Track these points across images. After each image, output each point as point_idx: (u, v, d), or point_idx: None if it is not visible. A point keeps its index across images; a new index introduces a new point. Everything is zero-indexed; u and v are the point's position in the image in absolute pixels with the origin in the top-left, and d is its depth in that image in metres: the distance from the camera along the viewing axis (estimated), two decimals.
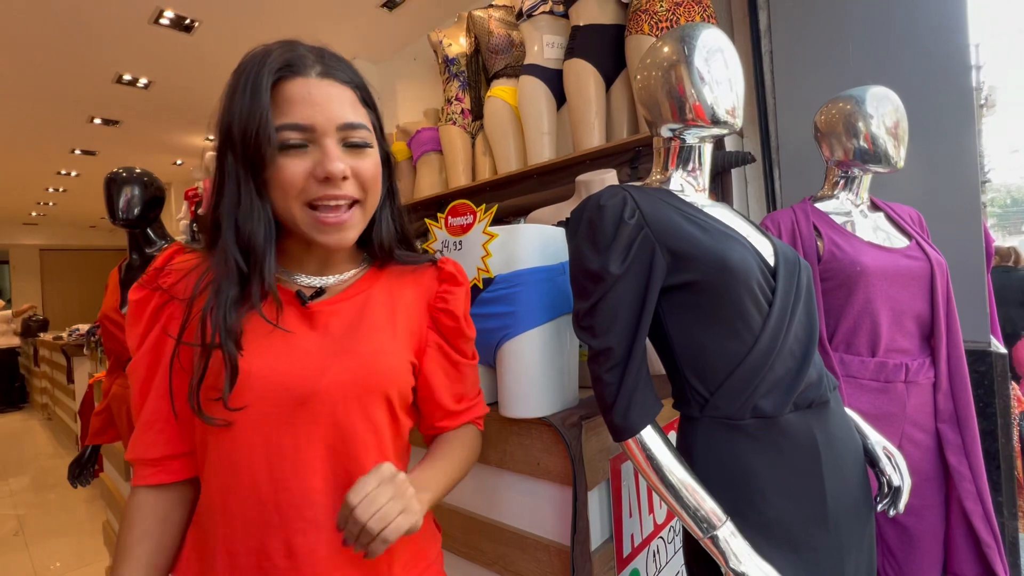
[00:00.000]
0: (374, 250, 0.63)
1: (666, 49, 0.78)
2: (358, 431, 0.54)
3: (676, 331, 0.70)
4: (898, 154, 1.07)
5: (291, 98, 0.53)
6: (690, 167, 0.81)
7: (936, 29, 1.31)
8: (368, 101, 0.60)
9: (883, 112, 1.07)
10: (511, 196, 2.20)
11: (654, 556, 1.00)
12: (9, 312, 6.48)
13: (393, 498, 0.47)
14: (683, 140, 0.80)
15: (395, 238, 0.64)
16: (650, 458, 0.65)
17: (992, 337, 1.34)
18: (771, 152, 1.60)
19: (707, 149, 0.81)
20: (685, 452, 0.70)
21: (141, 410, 0.57)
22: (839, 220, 1.12)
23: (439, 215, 0.95)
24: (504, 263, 0.88)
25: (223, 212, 0.54)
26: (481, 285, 0.88)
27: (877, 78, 1.37)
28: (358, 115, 0.56)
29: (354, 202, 0.56)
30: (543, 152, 2.07)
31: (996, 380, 1.24)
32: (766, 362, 0.65)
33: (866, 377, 1.05)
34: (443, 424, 0.65)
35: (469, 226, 0.90)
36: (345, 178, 0.54)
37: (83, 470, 1.59)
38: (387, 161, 0.63)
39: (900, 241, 1.09)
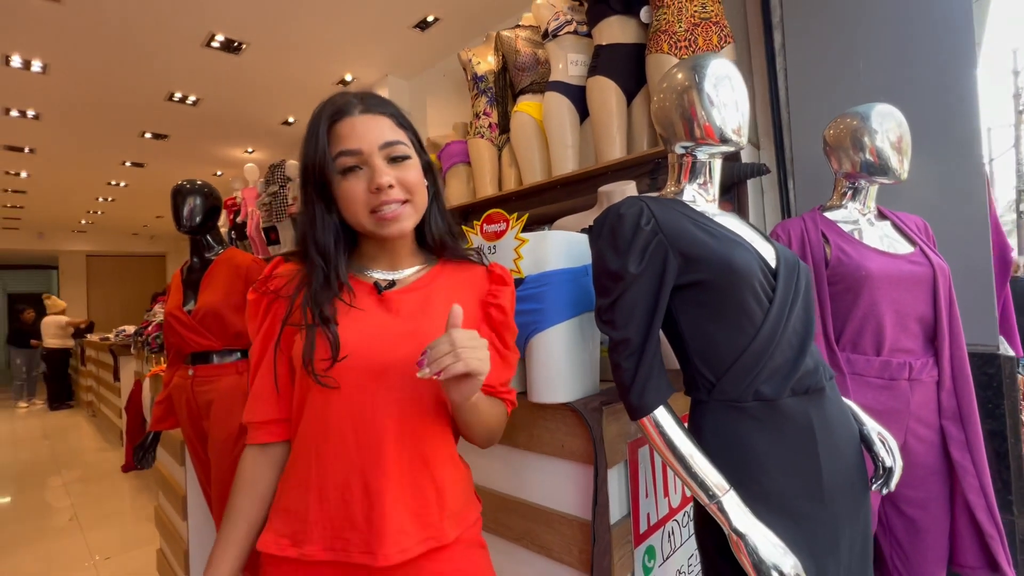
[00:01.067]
0: (431, 246, 0.77)
1: (680, 75, 0.88)
2: (423, 397, 0.66)
3: (687, 324, 0.79)
4: (901, 167, 1.14)
5: (342, 133, 0.69)
6: (701, 180, 0.91)
7: (943, 46, 1.38)
8: (404, 123, 0.75)
9: (887, 128, 1.14)
10: (536, 206, 2.31)
11: (669, 536, 1.08)
12: (64, 319, 6.84)
13: (483, 348, 0.59)
14: (695, 156, 0.90)
15: (445, 230, 0.78)
16: (663, 434, 0.75)
17: (1002, 340, 1.38)
18: (785, 164, 1.68)
19: (717, 164, 0.90)
20: (695, 432, 0.79)
21: (255, 382, 0.72)
22: (847, 228, 1.20)
23: (475, 222, 1.07)
24: (533, 265, 0.99)
25: (307, 230, 0.70)
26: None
27: (886, 92, 1.44)
28: (396, 135, 0.71)
29: (404, 202, 0.70)
30: (567, 164, 2.18)
31: (1005, 382, 1.29)
32: (766, 351, 0.74)
33: (871, 375, 1.11)
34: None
35: (502, 232, 1.02)
36: (392, 186, 0.68)
37: (146, 453, 1.75)
38: (429, 169, 0.77)
39: (905, 248, 1.16)
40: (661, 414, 0.75)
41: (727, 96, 0.85)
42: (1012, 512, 1.28)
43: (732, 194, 1.74)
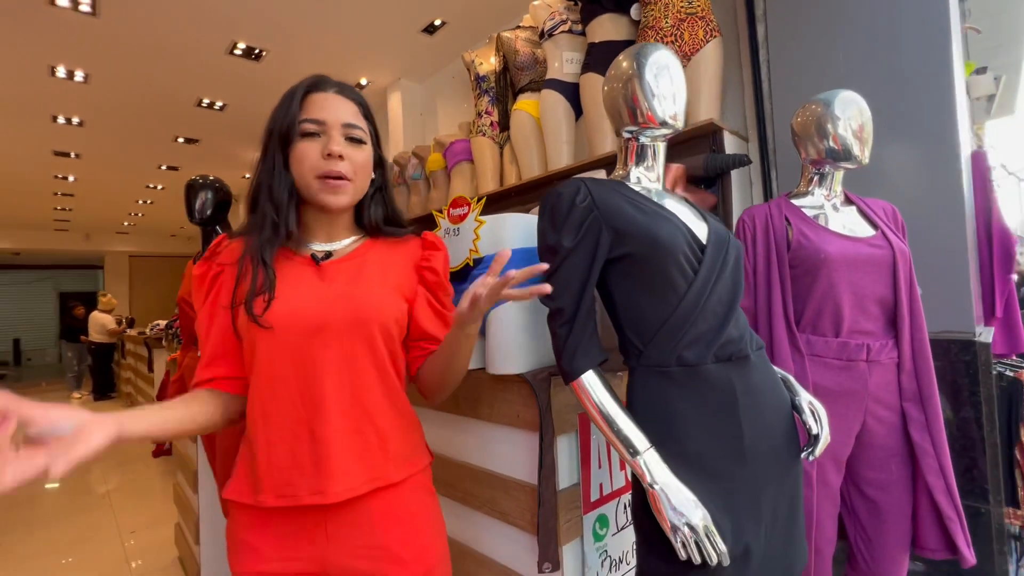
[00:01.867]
0: (365, 225, 0.85)
1: (624, 64, 0.93)
2: (358, 353, 0.74)
3: (619, 295, 0.84)
4: (863, 153, 1.16)
5: (313, 103, 0.77)
6: (647, 163, 0.95)
7: (921, 37, 1.38)
8: (368, 116, 0.82)
9: (849, 115, 1.16)
10: (534, 200, 2.37)
11: (625, 508, 1.13)
12: (111, 324, 7.23)
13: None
14: (639, 140, 0.94)
15: (382, 217, 0.85)
16: (592, 395, 0.80)
17: (987, 329, 1.37)
18: (769, 155, 1.69)
19: (660, 148, 0.95)
20: (628, 396, 0.84)
21: (206, 348, 0.77)
22: (811, 213, 1.22)
23: (443, 207, 1.14)
24: (492, 245, 1.06)
25: (262, 180, 0.77)
26: (472, 264, 1.06)
27: (866, 83, 1.44)
28: (358, 120, 0.79)
29: (347, 180, 0.77)
30: (562, 159, 2.24)
31: (980, 369, 1.28)
32: (688, 319, 0.79)
33: (829, 356, 1.13)
34: (433, 348, 0.83)
35: (464, 216, 1.08)
36: (342, 158, 0.76)
37: None
38: (380, 163, 0.85)
39: (866, 231, 1.17)
40: (589, 377, 0.80)
41: (666, 88, 0.90)
42: (988, 501, 1.26)
43: (717, 187, 1.76)
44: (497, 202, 2.50)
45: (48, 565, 2.42)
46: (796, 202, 1.25)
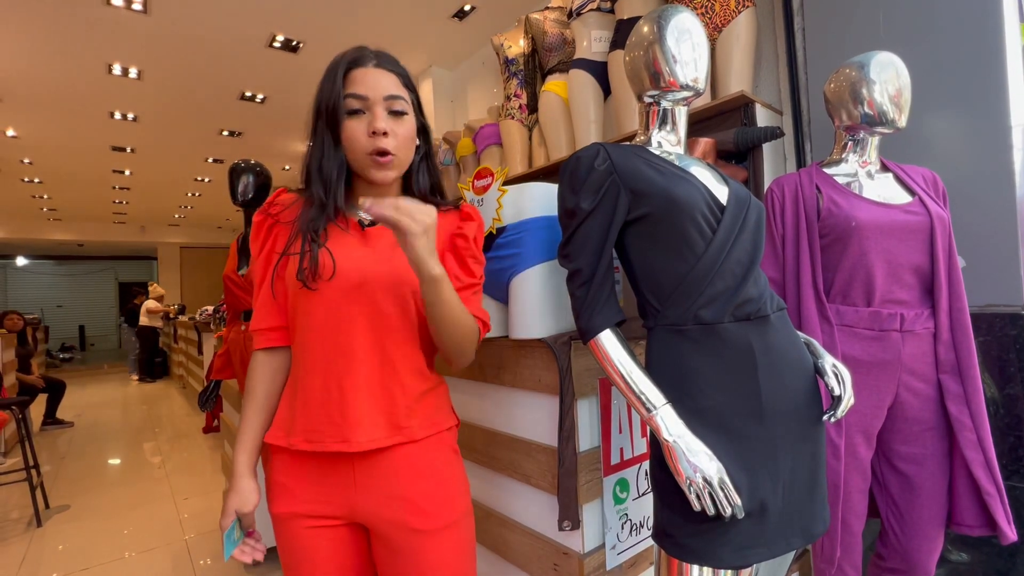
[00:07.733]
0: (412, 194, 0.88)
1: (644, 29, 0.93)
2: (389, 311, 0.77)
3: (636, 256, 0.85)
4: (900, 119, 1.11)
5: (355, 79, 0.79)
6: (668, 127, 0.95)
7: (967, 2, 1.30)
8: (408, 85, 0.84)
9: (886, 78, 1.11)
10: None
11: (646, 475, 1.14)
12: (157, 306, 7.71)
13: (423, 213, 0.68)
14: (660, 105, 0.94)
15: (428, 187, 0.89)
16: (608, 353, 0.81)
17: None
18: (802, 127, 1.64)
19: (681, 112, 0.95)
20: (646, 356, 0.85)
21: (259, 297, 0.83)
22: (843, 181, 1.18)
23: (468, 179, 1.17)
24: (515, 214, 1.08)
25: (312, 161, 0.80)
26: (495, 232, 1.09)
27: (908, 51, 1.37)
28: (399, 91, 0.81)
29: (392, 155, 0.80)
30: (590, 137, 2.23)
31: None
32: (706, 278, 0.79)
33: (860, 326, 1.10)
34: None
35: (488, 186, 1.11)
36: (386, 134, 0.78)
37: (208, 398, 2.02)
38: (423, 131, 0.87)
39: (903, 198, 1.13)
40: (607, 336, 0.82)
41: (688, 53, 0.90)
42: None
43: (748, 161, 1.72)
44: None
45: (114, 523, 2.63)
46: (828, 170, 1.22)
